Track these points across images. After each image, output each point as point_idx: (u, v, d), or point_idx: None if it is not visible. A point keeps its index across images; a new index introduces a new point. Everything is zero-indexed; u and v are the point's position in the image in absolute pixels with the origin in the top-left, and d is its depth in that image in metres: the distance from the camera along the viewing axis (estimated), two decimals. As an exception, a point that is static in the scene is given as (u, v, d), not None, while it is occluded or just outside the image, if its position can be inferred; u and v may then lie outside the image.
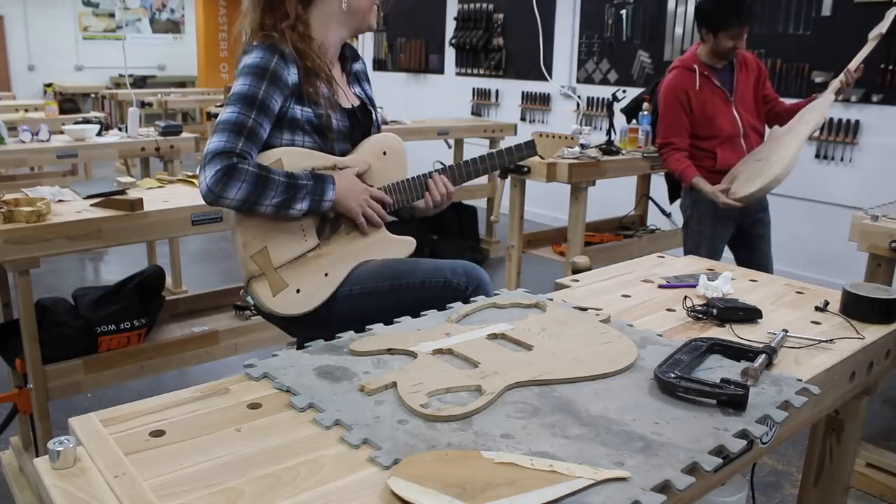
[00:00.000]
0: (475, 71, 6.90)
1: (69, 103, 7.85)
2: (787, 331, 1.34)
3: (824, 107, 2.88)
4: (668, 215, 4.50)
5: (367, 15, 1.83)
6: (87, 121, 4.29)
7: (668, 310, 1.50)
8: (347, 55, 1.91)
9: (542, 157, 2.11)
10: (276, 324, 1.87)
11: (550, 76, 5.82)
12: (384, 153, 1.86)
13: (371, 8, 1.83)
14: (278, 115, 1.70)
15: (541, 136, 2.06)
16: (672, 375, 1.11)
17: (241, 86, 1.65)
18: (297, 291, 1.74)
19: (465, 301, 1.49)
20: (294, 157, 1.72)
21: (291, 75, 1.69)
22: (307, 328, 1.78)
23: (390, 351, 1.23)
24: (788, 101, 3.12)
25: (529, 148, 2.01)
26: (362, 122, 1.87)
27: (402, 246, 1.90)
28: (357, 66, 1.95)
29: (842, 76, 2.84)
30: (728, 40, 2.91)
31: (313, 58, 1.74)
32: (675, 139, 3.03)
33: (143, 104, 8.27)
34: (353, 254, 1.82)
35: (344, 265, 1.79)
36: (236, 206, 1.62)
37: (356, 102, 1.88)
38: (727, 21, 2.89)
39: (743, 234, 3.12)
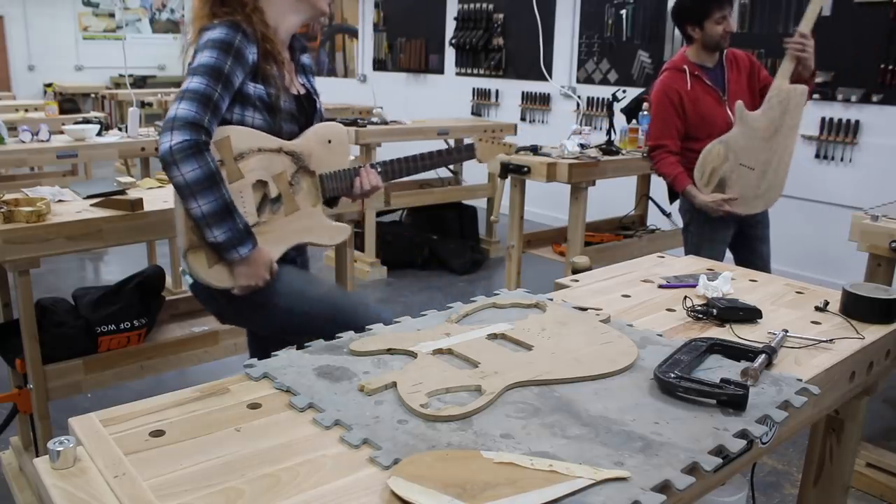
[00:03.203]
0: (475, 71, 6.90)
1: (69, 103, 7.86)
2: (787, 331, 1.34)
3: (794, 92, 2.80)
4: (668, 215, 4.50)
5: (317, 1, 1.88)
6: (87, 121, 4.29)
7: (668, 310, 1.50)
8: (296, 47, 1.97)
9: (479, 161, 2.17)
10: (210, 308, 1.92)
11: (550, 76, 5.82)
12: (329, 141, 1.93)
13: None
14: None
15: (481, 140, 2.16)
16: (672, 375, 1.11)
17: (208, 58, 1.67)
18: None
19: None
20: (242, 136, 1.76)
21: (252, 54, 1.74)
22: (236, 317, 1.87)
23: (390, 351, 1.23)
24: None
25: (468, 150, 2.12)
26: (307, 109, 1.94)
27: (338, 232, 1.98)
28: (304, 59, 2.02)
29: (795, 43, 2.72)
30: (716, 26, 2.90)
31: (273, 42, 1.79)
32: (667, 141, 3.02)
33: (143, 104, 8.25)
34: (291, 235, 1.87)
35: (281, 245, 1.85)
36: (179, 182, 1.63)
37: (302, 91, 1.95)
38: (709, 7, 2.88)
39: (744, 235, 3.11)
